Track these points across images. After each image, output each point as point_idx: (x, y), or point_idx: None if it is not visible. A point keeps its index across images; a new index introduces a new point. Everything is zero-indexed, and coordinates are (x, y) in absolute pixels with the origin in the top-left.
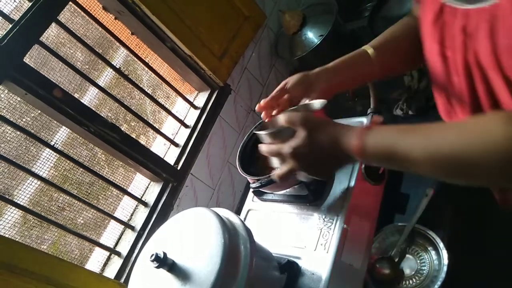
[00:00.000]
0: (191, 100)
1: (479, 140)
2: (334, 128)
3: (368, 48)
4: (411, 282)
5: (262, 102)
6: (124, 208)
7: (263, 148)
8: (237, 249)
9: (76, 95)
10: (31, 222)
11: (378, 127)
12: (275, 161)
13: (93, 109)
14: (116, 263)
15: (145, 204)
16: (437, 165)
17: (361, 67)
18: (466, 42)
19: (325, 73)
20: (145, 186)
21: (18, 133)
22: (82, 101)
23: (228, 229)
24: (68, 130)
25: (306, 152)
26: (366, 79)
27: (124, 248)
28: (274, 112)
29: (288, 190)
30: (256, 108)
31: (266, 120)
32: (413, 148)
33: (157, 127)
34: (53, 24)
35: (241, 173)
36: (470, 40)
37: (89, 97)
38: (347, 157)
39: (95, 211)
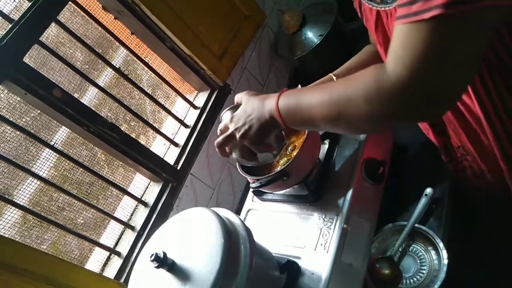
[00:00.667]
0: (191, 100)
1: (356, 86)
2: (262, 95)
3: (334, 76)
4: (411, 282)
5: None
6: (124, 208)
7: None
8: (237, 249)
9: (75, 95)
10: (31, 222)
11: (289, 90)
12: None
13: (93, 109)
14: (116, 263)
15: (145, 204)
16: (329, 109)
17: None
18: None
19: None
20: (145, 186)
21: (18, 133)
22: (81, 101)
23: (228, 229)
24: (68, 130)
25: (242, 118)
26: None
27: (124, 248)
28: None
29: (288, 190)
30: None
31: None
32: (312, 98)
33: (157, 127)
34: (53, 24)
35: (241, 173)
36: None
37: (89, 97)
38: (272, 121)
39: (95, 211)
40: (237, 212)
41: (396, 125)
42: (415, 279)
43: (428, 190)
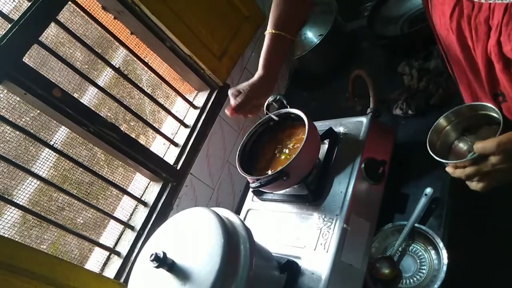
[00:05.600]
0: (191, 99)
1: None
2: None
3: (273, 30)
4: (410, 281)
5: (231, 112)
6: (124, 208)
7: (457, 173)
8: (237, 249)
9: (75, 95)
10: (31, 222)
11: None
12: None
13: (93, 108)
14: (115, 263)
15: (144, 204)
16: None
17: (282, 47)
18: (490, 34)
19: (266, 75)
20: (144, 186)
21: (18, 133)
22: (81, 100)
23: (228, 229)
24: (68, 130)
25: (505, 168)
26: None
27: (123, 248)
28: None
29: (288, 190)
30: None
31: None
32: None
33: (156, 126)
34: (53, 24)
35: (241, 173)
36: (495, 32)
37: (89, 96)
38: None
39: (94, 211)
40: (237, 212)
41: None
42: (415, 279)
43: (428, 190)
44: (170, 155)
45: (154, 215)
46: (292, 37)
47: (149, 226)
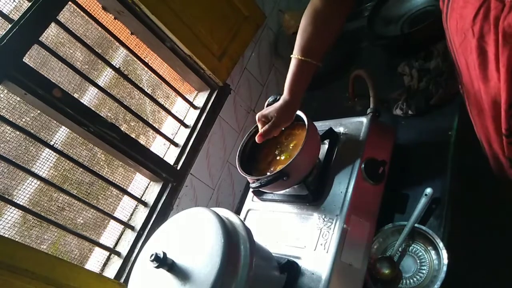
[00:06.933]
0: (191, 100)
1: None
2: None
3: (299, 56)
4: (410, 281)
5: (260, 138)
6: (124, 208)
7: None
8: (237, 249)
9: (75, 95)
10: (31, 222)
11: None
12: None
13: (93, 109)
14: (116, 263)
15: (144, 204)
16: None
17: (308, 73)
18: None
19: (292, 100)
20: (144, 186)
21: (18, 133)
22: (81, 101)
23: (228, 229)
24: (68, 130)
25: None
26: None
27: (123, 248)
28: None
29: (288, 190)
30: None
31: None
32: None
33: (156, 127)
34: (53, 24)
35: (241, 173)
36: None
37: (89, 97)
38: None
39: (95, 211)
40: (237, 212)
41: None
42: (415, 279)
43: (428, 190)
44: (170, 155)
45: (154, 215)
46: (319, 63)
47: (149, 226)
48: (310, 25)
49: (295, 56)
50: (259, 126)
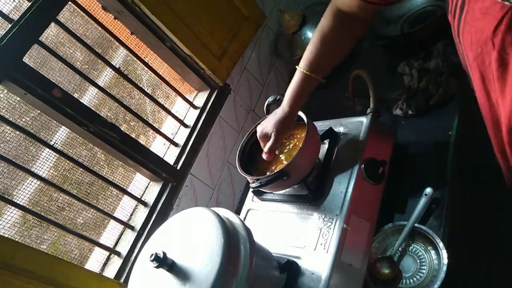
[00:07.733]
0: (191, 100)
1: None
2: None
3: (305, 71)
4: (410, 281)
5: (268, 156)
6: (124, 208)
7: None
8: (237, 249)
9: (75, 95)
10: (31, 222)
11: None
12: None
13: (93, 109)
14: (115, 263)
15: (144, 204)
16: None
17: (311, 87)
18: None
19: (291, 113)
20: (144, 186)
21: (18, 133)
22: (81, 101)
23: (228, 229)
24: (68, 130)
25: None
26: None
27: (123, 248)
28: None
29: (288, 190)
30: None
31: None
32: None
33: (156, 127)
34: (53, 24)
35: (241, 173)
36: None
37: (89, 97)
38: None
39: (94, 211)
40: (237, 212)
41: None
42: (415, 279)
43: (428, 190)
44: (170, 155)
45: (154, 215)
46: (323, 78)
47: (149, 226)
48: (320, 43)
49: (301, 69)
50: (261, 143)
